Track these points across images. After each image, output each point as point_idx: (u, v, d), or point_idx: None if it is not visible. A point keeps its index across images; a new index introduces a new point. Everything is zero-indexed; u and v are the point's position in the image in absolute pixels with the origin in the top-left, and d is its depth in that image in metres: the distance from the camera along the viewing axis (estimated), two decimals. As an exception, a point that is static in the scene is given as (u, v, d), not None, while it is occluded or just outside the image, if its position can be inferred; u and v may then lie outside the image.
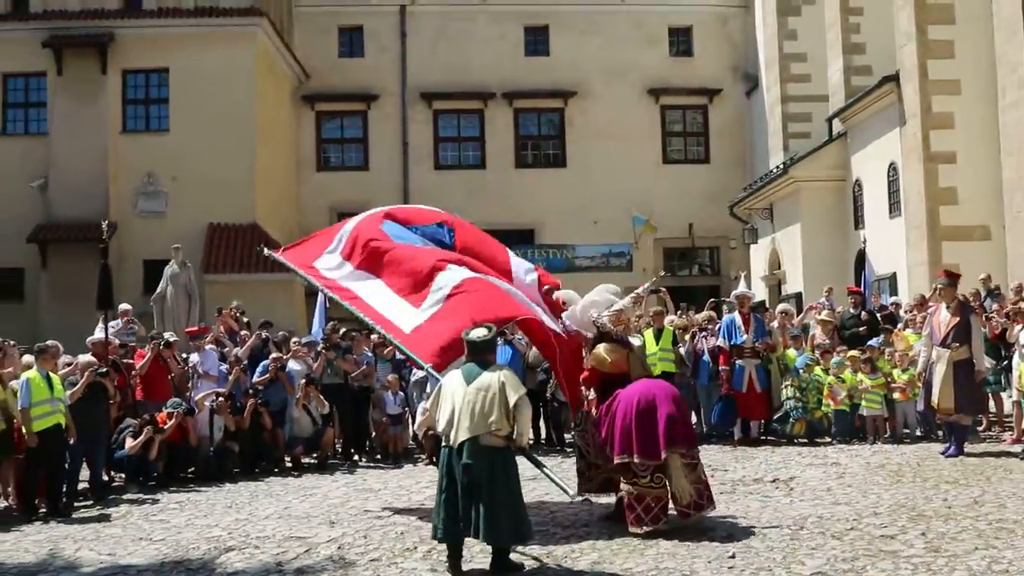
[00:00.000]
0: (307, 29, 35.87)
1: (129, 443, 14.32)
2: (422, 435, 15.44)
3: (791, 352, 17.45)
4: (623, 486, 9.90)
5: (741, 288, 17.69)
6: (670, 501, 9.78)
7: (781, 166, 29.33)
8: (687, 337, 17.79)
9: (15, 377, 13.22)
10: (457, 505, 8.35)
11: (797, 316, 20.59)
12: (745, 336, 16.64)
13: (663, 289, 20.83)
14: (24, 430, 12.56)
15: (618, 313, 10.56)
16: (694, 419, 18.29)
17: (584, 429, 10.59)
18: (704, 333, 17.72)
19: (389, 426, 16.69)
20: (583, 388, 10.81)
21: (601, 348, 10.28)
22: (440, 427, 8.61)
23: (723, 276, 35.64)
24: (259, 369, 16.74)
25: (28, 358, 13.67)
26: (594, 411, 10.38)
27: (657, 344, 17.24)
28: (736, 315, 17.02)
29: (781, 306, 19.97)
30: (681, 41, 36.85)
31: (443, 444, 8.66)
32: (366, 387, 16.95)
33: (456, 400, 8.52)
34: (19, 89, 32.26)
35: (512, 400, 8.46)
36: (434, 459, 13.12)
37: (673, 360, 17.30)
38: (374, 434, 17.19)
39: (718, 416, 16.99)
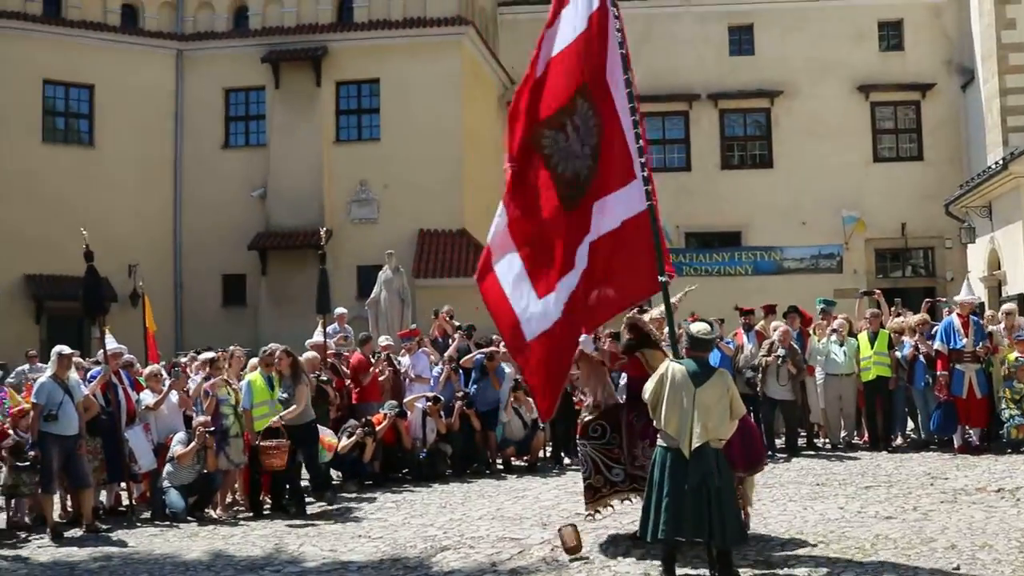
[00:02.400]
0: (512, 35, 36.27)
1: (343, 442, 14.80)
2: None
3: (1012, 356, 16.62)
4: None
5: (964, 294, 17.04)
6: None
7: (1000, 162, 28.12)
8: (904, 339, 17.26)
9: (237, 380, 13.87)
10: (682, 507, 8.30)
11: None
12: (965, 340, 16.05)
13: (878, 292, 20.28)
14: (247, 430, 13.17)
15: (660, 320, 10.29)
16: (911, 425, 17.84)
17: (609, 442, 10.15)
18: (918, 336, 17.14)
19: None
20: (596, 392, 10.45)
21: (652, 353, 10.01)
22: (666, 427, 8.51)
23: (938, 277, 34.42)
24: (475, 361, 16.94)
25: (254, 360, 14.28)
26: (623, 418, 10.12)
27: (872, 347, 16.85)
28: (955, 318, 16.41)
29: (1006, 306, 19.00)
30: (892, 35, 35.76)
31: (660, 444, 8.60)
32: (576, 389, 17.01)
33: (685, 402, 8.41)
34: (240, 103, 33.64)
35: (738, 410, 8.46)
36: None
37: (888, 364, 16.87)
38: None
39: (937, 423, 16.39)
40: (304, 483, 13.56)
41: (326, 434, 13.21)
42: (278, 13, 33.29)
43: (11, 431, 12.70)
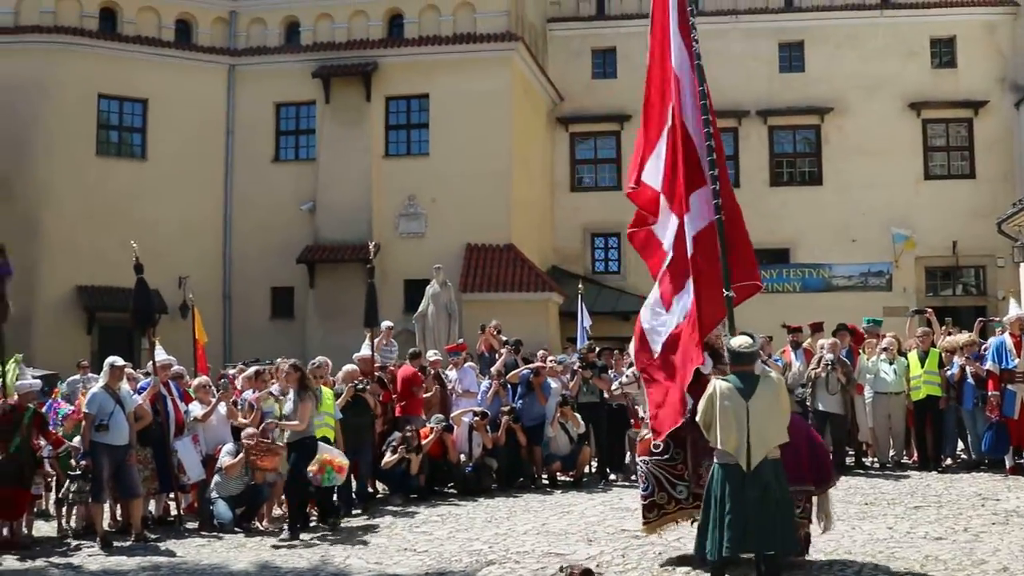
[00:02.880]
0: (561, 52, 36.37)
1: (387, 457, 14.87)
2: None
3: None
4: None
5: (1013, 311, 16.85)
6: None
7: (1054, 180, 27.88)
8: (953, 359, 17.08)
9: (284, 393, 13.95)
10: (747, 521, 8.26)
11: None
12: (1017, 360, 15.85)
13: (929, 310, 20.10)
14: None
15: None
16: (960, 446, 17.64)
17: (672, 458, 9.85)
18: (968, 356, 16.94)
19: (644, 445, 16.67)
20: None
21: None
22: (724, 446, 8.48)
23: (989, 296, 34.04)
24: (521, 376, 16.96)
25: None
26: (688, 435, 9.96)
27: (922, 367, 16.71)
28: (1007, 337, 16.21)
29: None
30: (944, 52, 35.49)
31: (717, 461, 8.57)
32: (622, 406, 16.99)
33: (738, 418, 8.40)
34: (291, 118, 33.92)
35: (787, 410, 8.45)
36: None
37: (939, 384, 16.71)
38: (629, 453, 17.21)
39: (989, 443, 16.18)
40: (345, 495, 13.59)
41: (335, 455, 12.98)
42: (329, 29, 33.57)
43: (66, 439, 12.91)
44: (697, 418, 8.72)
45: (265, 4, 34.37)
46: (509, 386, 17.03)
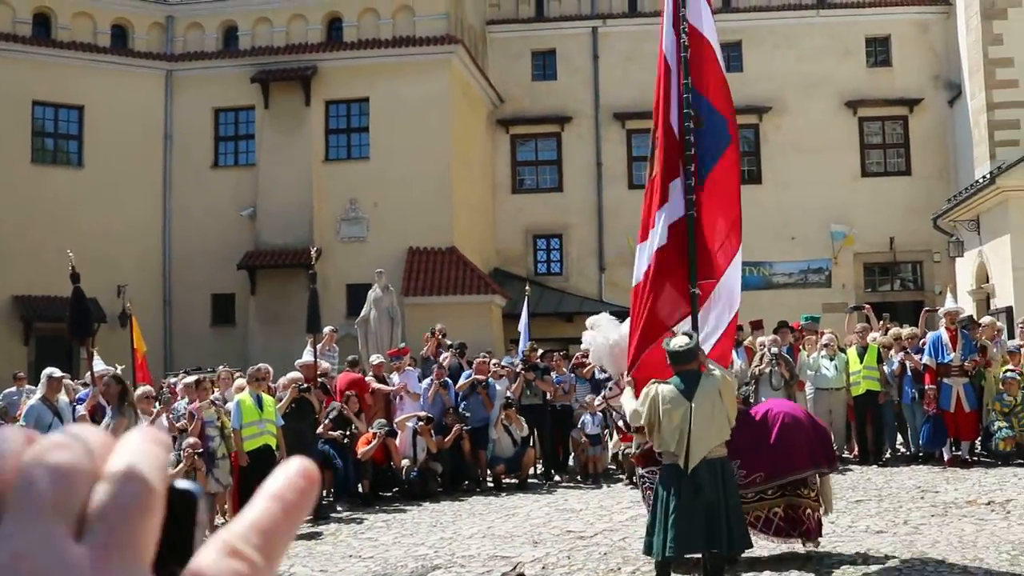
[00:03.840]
0: (501, 54, 36.39)
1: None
2: (622, 456, 15.43)
3: (1001, 368, 16.67)
4: (780, 503, 9.58)
5: (949, 303, 17.10)
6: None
7: (988, 176, 28.25)
8: (891, 354, 17.30)
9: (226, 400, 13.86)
10: (694, 522, 8.32)
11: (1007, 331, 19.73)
12: (952, 354, 16.09)
13: (867, 306, 20.33)
14: (236, 450, 13.17)
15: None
16: (900, 439, 17.88)
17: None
18: (907, 350, 17.17)
19: (588, 446, 16.74)
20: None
21: None
22: (666, 447, 8.52)
23: (926, 291, 34.48)
24: (462, 377, 16.98)
25: (240, 380, 14.29)
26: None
27: (861, 362, 16.90)
28: (943, 332, 16.46)
29: (987, 319, 19.04)
30: (879, 51, 35.93)
31: (664, 462, 8.62)
32: (566, 406, 17.05)
33: (681, 419, 8.42)
34: (230, 123, 33.66)
35: (731, 412, 8.50)
36: (634, 479, 13.08)
37: (878, 378, 16.91)
38: (573, 454, 17.28)
39: (927, 436, 16.42)
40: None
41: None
42: (268, 33, 33.34)
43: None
44: (641, 421, 8.74)
45: (202, 9, 34.08)
46: (452, 388, 17.03)
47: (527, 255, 35.59)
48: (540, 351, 18.21)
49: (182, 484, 0.65)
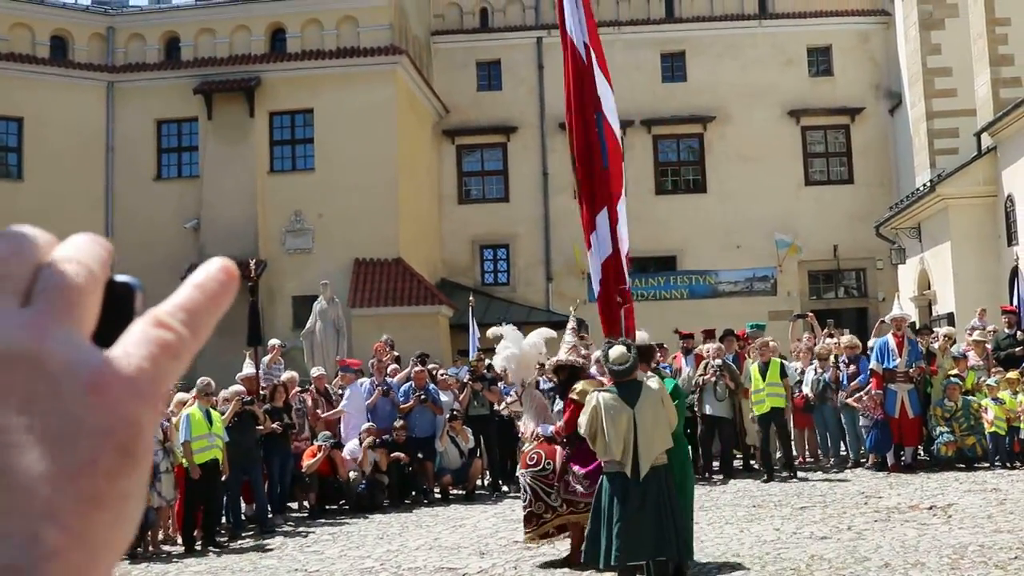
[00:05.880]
0: (446, 65, 36.36)
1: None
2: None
3: (942, 375, 16.85)
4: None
5: (896, 310, 17.26)
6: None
7: (928, 184, 28.63)
8: (831, 361, 17.39)
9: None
10: (639, 530, 8.29)
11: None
12: (898, 359, 16.23)
13: (810, 314, 20.48)
14: (186, 463, 13.02)
15: (574, 347, 10.50)
16: (842, 447, 17.99)
17: (543, 468, 10.26)
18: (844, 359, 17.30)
19: (535, 456, 16.71)
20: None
21: (585, 383, 10.08)
22: (610, 455, 8.49)
23: (870, 298, 34.85)
24: (402, 391, 16.93)
25: (181, 395, 14.14)
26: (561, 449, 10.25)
27: (764, 380, 16.57)
28: (890, 338, 16.61)
29: (946, 329, 19.25)
30: (821, 60, 36.30)
31: (604, 470, 8.61)
32: (512, 417, 17.01)
33: (625, 427, 8.41)
34: (172, 135, 33.36)
35: (673, 414, 8.53)
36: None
37: (783, 395, 16.68)
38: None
39: (873, 441, 16.55)
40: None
41: None
42: (210, 44, 33.08)
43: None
44: (582, 431, 8.74)
45: (144, 20, 33.80)
46: (399, 395, 17.00)
47: (474, 265, 35.55)
48: (488, 361, 18.16)
49: (122, 277, 0.69)
